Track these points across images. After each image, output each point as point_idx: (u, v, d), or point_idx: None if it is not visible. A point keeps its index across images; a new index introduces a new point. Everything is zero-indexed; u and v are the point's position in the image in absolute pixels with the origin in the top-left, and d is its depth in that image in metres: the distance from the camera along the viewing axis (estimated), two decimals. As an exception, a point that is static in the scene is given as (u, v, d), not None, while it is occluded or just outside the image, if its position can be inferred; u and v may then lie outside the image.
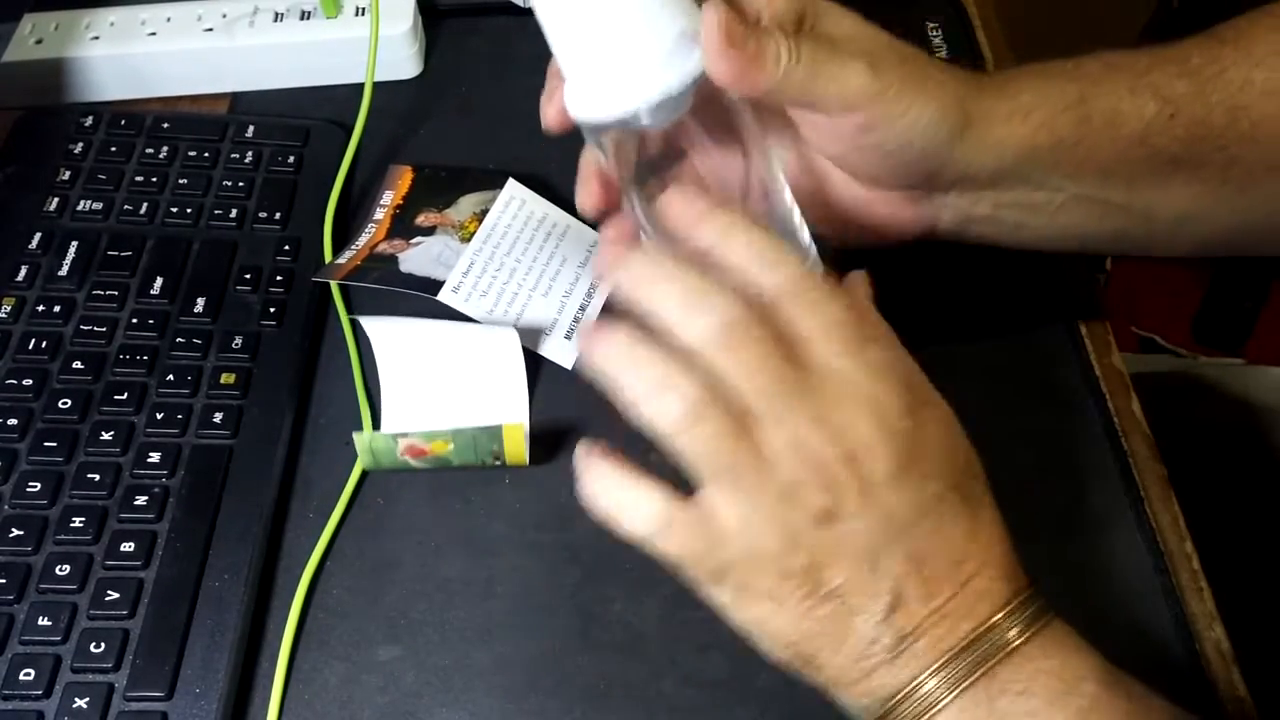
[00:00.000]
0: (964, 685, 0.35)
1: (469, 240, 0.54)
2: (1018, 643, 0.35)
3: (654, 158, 0.44)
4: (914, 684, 0.35)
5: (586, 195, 0.46)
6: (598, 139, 0.42)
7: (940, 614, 0.35)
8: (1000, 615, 0.35)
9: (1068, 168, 0.43)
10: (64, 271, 0.54)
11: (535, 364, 0.53)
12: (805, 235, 0.44)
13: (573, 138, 0.64)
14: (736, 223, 0.37)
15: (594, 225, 0.57)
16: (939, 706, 0.35)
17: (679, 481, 0.36)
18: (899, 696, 0.35)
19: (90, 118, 0.60)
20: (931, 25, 0.68)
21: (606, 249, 0.47)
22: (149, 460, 0.48)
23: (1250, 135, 0.42)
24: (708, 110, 0.42)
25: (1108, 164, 0.43)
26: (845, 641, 0.36)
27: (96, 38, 0.63)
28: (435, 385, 0.51)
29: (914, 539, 0.35)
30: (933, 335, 0.55)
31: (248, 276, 0.54)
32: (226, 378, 0.51)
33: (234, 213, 0.57)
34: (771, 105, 0.42)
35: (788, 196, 0.44)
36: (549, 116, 0.43)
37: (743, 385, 0.35)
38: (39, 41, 0.63)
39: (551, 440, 0.50)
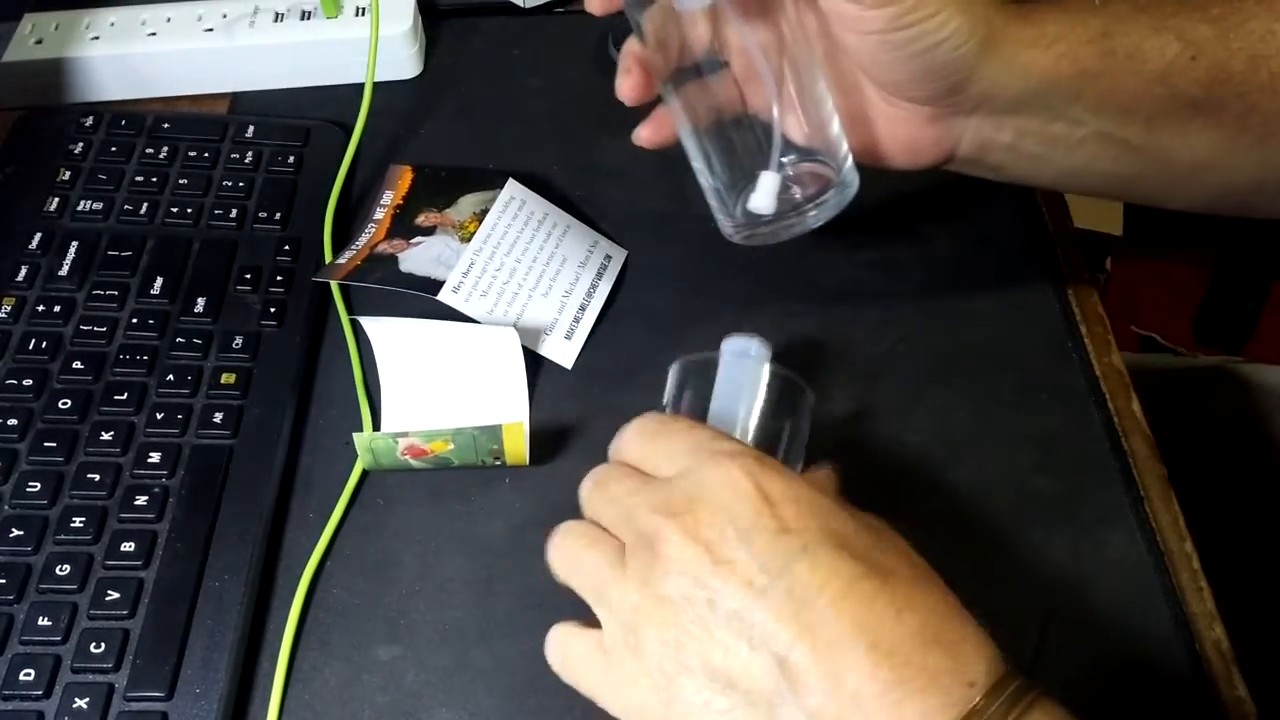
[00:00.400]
0: None
1: (469, 240, 0.54)
2: None
3: (696, 64, 0.45)
4: None
5: (627, 83, 0.46)
6: (640, 22, 0.43)
7: (865, 692, 0.32)
8: (980, 700, 0.32)
9: (1089, 100, 0.43)
10: (64, 271, 0.54)
11: (535, 364, 0.53)
12: (844, 145, 0.45)
13: (572, 139, 0.64)
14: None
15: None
16: None
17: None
18: None
19: (90, 118, 0.60)
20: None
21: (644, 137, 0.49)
22: (149, 460, 0.48)
23: (1270, 85, 0.43)
24: (750, 13, 0.43)
25: (1128, 101, 0.43)
26: None
27: (96, 38, 0.63)
28: (435, 385, 0.51)
29: (791, 598, 0.33)
30: (932, 336, 0.55)
31: (248, 276, 0.54)
32: (226, 378, 0.51)
33: (234, 213, 0.57)
34: None
35: (828, 106, 0.44)
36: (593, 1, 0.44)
37: (609, 515, 0.38)
38: (39, 41, 0.63)
39: (552, 440, 0.50)
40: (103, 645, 0.43)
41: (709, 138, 0.46)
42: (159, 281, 0.54)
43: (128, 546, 0.45)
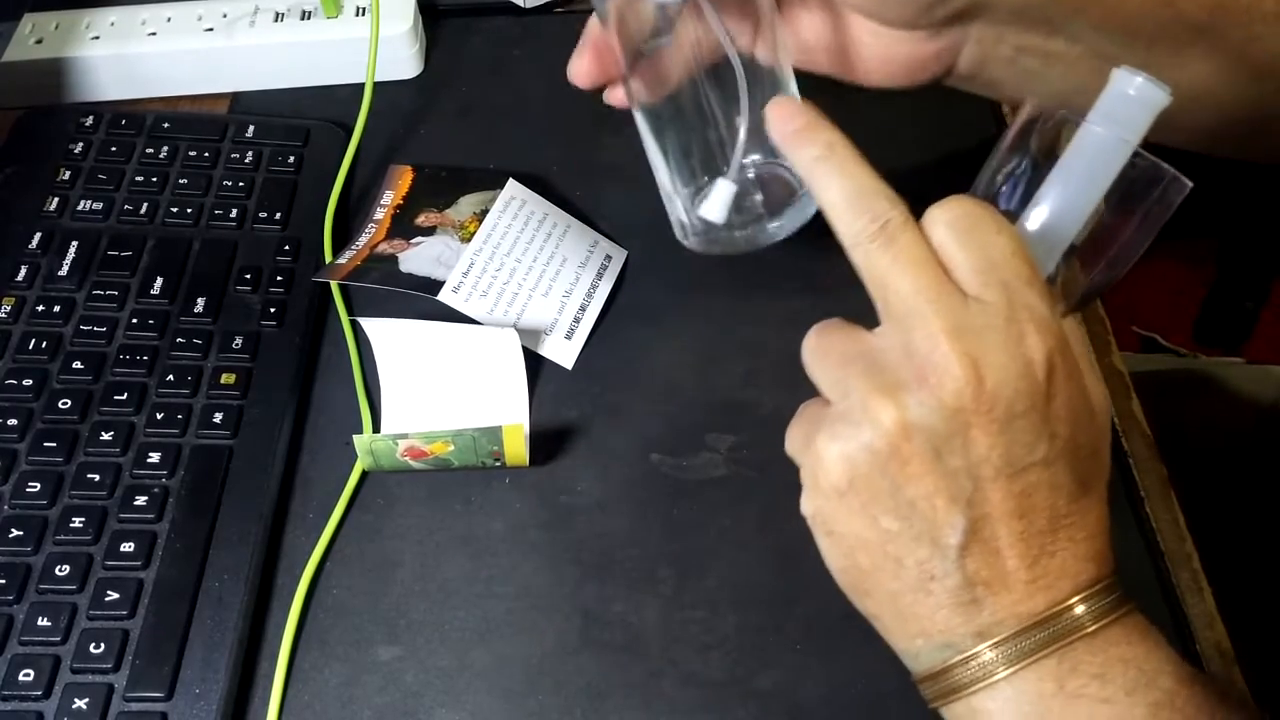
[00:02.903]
0: (1027, 662, 0.34)
1: (469, 240, 0.54)
2: (1092, 628, 0.34)
3: (660, 55, 0.43)
4: (974, 650, 0.34)
5: (579, 65, 0.45)
6: (604, 6, 0.41)
7: (1017, 577, 0.34)
8: (1078, 598, 0.34)
9: (1092, 15, 0.42)
10: (64, 271, 0.54)
11: (535, 364, 0.53)
12: None
13: (573, 139, 0.64)
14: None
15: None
16: (996, 678, 0.34)
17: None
18: (960, 657, 0.34)
19: (90, 118, 0.60)
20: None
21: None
22: (149, 460, 0.48)
23: (1275, 16, 0.42)
24: (728, 9, 0.41)
25: (1131, 18, 0.42)
26: (905, 567, 0.34)
27: (96, 37, 0.63)
28: (435, 386, 0.51)
29: (1012, 486, 0.34)
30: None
31: (248, 276, 0.54)
32: (226, 378, 0.51)
33: (234, 213, 0.57)
34: None
35: (793, 88, 0.43)
36: None
37: (894, 297, 0.35)
38: (39, 41, 0.63)
39: (551, 440, 0.50)
40: (102, 645, 0.43)
41: (668, 134, 0.43)
42: (159, 281, 0.54)
43: (127, 547, 0.45)
